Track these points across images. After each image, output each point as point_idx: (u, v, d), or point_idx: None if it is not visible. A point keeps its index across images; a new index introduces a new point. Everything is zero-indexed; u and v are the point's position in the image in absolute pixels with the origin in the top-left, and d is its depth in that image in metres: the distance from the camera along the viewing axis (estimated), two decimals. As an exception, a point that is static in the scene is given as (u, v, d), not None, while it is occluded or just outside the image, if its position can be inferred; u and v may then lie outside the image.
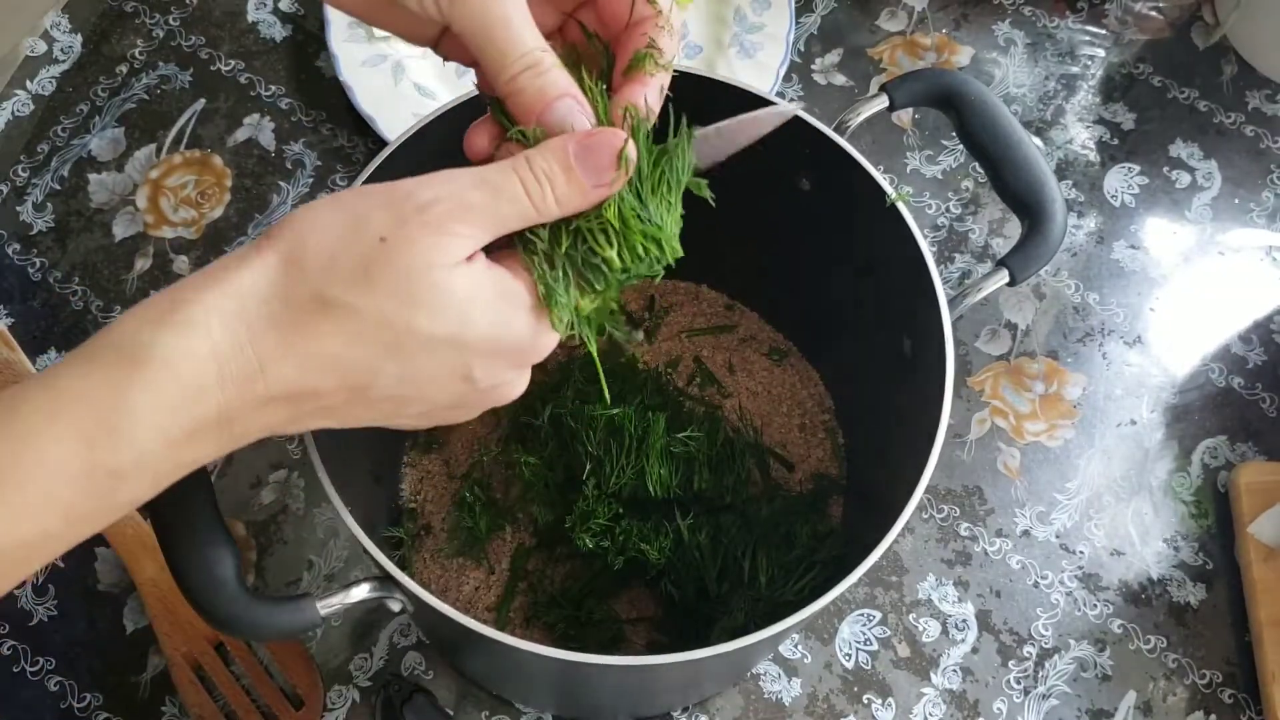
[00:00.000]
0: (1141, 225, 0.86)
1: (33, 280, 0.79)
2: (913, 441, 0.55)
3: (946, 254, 0.84)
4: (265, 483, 0.73)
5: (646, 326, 0.77)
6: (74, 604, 0.70)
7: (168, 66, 0.87)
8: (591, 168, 0.39)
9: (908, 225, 0.58)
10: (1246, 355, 0.82)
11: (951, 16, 0.94)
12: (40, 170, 0.83)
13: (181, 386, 0.35)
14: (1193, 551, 0.75)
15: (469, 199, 0.38)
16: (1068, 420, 0.79)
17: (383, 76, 0.84)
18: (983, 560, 0.74)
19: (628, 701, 0.68)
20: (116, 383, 0.34)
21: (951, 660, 0.71)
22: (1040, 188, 0.59)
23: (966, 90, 0.60)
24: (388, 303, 0.37)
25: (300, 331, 0.36)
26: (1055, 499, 0.76)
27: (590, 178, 0.39)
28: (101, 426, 0.34)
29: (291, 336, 0.36)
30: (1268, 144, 0.89)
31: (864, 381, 0.71)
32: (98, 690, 0.68)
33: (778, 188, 0.65)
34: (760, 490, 0.72)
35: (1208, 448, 0.78)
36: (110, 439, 0.35)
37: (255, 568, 0.71)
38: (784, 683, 0.70)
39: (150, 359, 0.35)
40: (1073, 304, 0.83)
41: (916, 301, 0.58)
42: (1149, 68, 0.92)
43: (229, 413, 0.36)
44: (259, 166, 0.84)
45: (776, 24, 0.88)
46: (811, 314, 0.74)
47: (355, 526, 0.50)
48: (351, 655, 0.69)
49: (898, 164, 0.87)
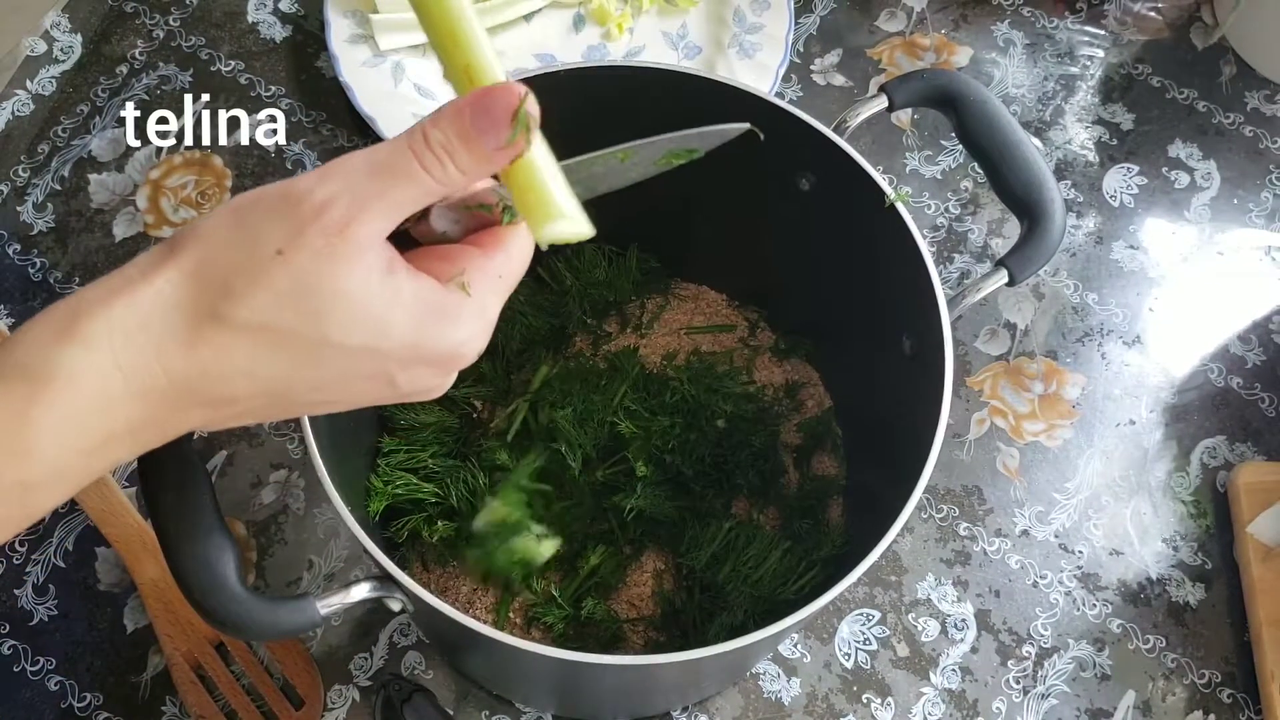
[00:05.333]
0: (1140, 225, 0.86)
1: (33, 280, 0.79)
2: (912, 441, 0.55)
3: (946, 254, 0.84)
4: (265, 482, 0.73)
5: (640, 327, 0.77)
6: (74, 604, 0.70)
7: (168, 67, 0.87)
8: (490, 129, 0.36)
9: (907, 225, 0.58)
10: (1245, 355, 0.82)
11: (950, 17, 0.94)
12: (41, 170, 0.83)
13: (88, 401, 0.35)
14: (1192, 551, 0.75)
15: (366, 190, 0.36)
16: (1067, 420, 0.79)
17: (383, 77, 0.84)
18: (982, 560, 0.74)
19: (627, 701, 0.68)
20: (22, 403, 0.34)
21: (951, 660, 0.71)
22: (1039, 188, 0.59)
23: (966, 91, 0.60)
24: (292, 317, 0.35)
25: (208, 346, 0.35)
26: (1054, 499, 0.76)
27: (490, 140, 0.36)
28: (10, 446, 0.34)
29: (199, 350, 0.35)
30: (1266, 144, 0.89)
31: (864, 381, 0.71)
32: (98, 690, 0.68)
33: (777, 188, 0.65)
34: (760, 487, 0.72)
35: (1207, 448, 0.79)
36: (19, 456, 0.34)
37: (255, 567, 0.71)
38: (783, 682, 0.70)
39: (55, 376, 0.34)
40: (1072, 304, 0.83)
41: (916, 301, 0.58)
42: (1148, 68, 0.92)
43: (140, 421, 0.36)
44: (259, 167, 0.84)
45: (776, 24, 0.88)
46: (811, 314, 0.74)
47: (355, 526, 0.50)
48: (351, 655, 0.69)
49: (897, 164, 0.87)
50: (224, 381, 0.36)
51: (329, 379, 0.37)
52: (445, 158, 0.36)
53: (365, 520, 0.58)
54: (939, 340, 0.56)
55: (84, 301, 0.35)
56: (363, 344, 0.37)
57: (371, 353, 0.37)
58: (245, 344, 0.36)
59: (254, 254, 0.35)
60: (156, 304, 0.35)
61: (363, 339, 0.36)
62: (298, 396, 0.38)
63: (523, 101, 0.36)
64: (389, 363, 0.38)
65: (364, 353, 0.37)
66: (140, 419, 0.36)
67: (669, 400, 0.71)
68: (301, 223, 0.35)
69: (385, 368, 0.38)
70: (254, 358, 0.36)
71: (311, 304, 0.35)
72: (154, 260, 0.36)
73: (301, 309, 0.35)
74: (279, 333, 0.36)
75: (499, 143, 0.36)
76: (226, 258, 0.35)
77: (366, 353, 0.37)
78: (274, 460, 0.74)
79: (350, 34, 0.85)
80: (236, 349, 0.36)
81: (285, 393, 0.37)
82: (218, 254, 0.36)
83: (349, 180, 0.36)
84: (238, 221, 0.36)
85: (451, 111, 0.36)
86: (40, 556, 0.71)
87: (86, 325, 0.35)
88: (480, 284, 0.39)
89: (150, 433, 0.37)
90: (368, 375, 0.38)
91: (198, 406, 0.37)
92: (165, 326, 0.35)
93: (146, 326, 0.35)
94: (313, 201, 0.35)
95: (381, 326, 0.37)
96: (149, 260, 0.36)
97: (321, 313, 0.36)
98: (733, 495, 0.71)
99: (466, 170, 0.37)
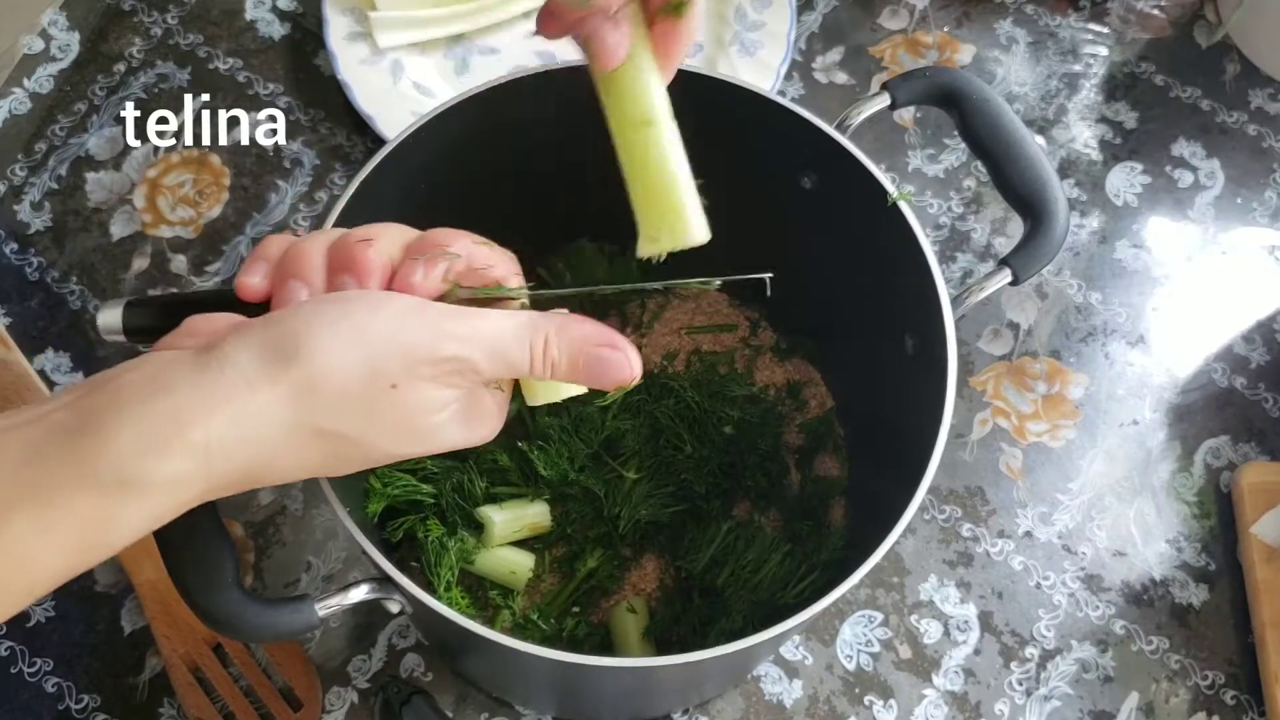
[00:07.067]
0: (1144, 224, 0.86)
1: (30, 279, 0.79)
2: (914, 442, 0.55)
3: (948, 253, 0.84)
4: (264, 483, 0.73)
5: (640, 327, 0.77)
6: (72, 605, 0.69)
7: (166, 65, 0.87)
8: (594, 377, 0.41)
9: (910, 224, 0.58)
10: (1249, 355, 0.82)
11: (953, 15, 0.93)
12: (38, 169, 0.82)
13: (174, 503, 0.37)
14: (1195, 552, 0.75)
15: (479, 363, 0.40)
16: (1070, 420, 0.78)
17: (381, 75, 0.84)
18: (984, 561, 0.74)
19: (627, 703, 0.67)
20: (108, 509, 0.35)
21: (953, 662, 0.70)
22: (1043, 187, 0.58)
23: (968, 89, 0.60)
24: (381, 437, 0.39)
25: (288, 450, 0.38)
26: (1057, 499, 0.76)
27: (586, 380, 0.42)
28: (91, 543, 0.36)
29: (279, 453, 0.38)
30: (1270, 143, 0.89)
31: (866, 381, 0.71)
32: (95, 691, 0.67)
33: (779, 187, 0.65)
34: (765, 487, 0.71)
35: (1210, 448, 0.78)
36: (97, 549, 0.36)
37: (254, 569, 0.71)
38: (785, 684, 0.69)
39: (150, 488, 0.35)
40: (1075, 303, 0.82)
41: (918, 301, 0.58)
42: (1151, 66, 0.92)
43: (206, 494, 0.38)
44: (257, 165, 0.84)
45: (777, 22, 0.87)
46: (813, 314, 0.74)
47: (354, 528, 0.50)
48: (350, 657, 0.69)
49: (899, 163, 0.87)
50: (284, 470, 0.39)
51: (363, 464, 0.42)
52: (548, 369, 0.41)
53: (364, 522, 0.57)
54: (942, 340, 0.55)
55: (186, 412, 0.36)
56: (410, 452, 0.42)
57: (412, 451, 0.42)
58: (324, 449, 0.39)
59: (373, 383, 0.38)
60: (257, 417, 0.37)
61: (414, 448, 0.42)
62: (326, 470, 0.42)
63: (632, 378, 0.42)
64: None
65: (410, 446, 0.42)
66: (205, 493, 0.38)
67: (673, 406, 0.70)
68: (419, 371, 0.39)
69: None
70: (324, 458, 0.39)
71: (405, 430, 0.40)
72: (264, 373, 0.37)
73: (392, 433, 0.40)
74: (361, 443, 0.39)
75: (596, 383, 0.42)
76: (345, 384, 0.38)
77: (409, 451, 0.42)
78: (272, 460, 0.74)
79: (349, 31, 0.85)
80: (313, 451, 0.39)
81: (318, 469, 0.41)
82: (336, 379, 0.38)
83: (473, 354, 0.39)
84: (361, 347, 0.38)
85: (579, 342, 0.41)
86: (37, 557, 0.70)
87: (186, 439, 0.36)
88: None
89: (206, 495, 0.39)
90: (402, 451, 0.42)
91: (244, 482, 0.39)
92: (259, 436, 0.37)
93: (243, 441, 0.37)
94: (435, 356, 0.39)
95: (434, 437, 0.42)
96: (259, 370, 0.37)
97: (405, 438, 0.40)
98: (735, 498, 0.71)
99: (556, 376, 0.42)
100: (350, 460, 0.40)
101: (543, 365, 0.40)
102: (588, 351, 0.41)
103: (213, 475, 0.37)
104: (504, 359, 0.40)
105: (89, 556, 0.36)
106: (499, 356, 0.40)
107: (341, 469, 0.41)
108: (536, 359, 0.40)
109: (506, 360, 0.40)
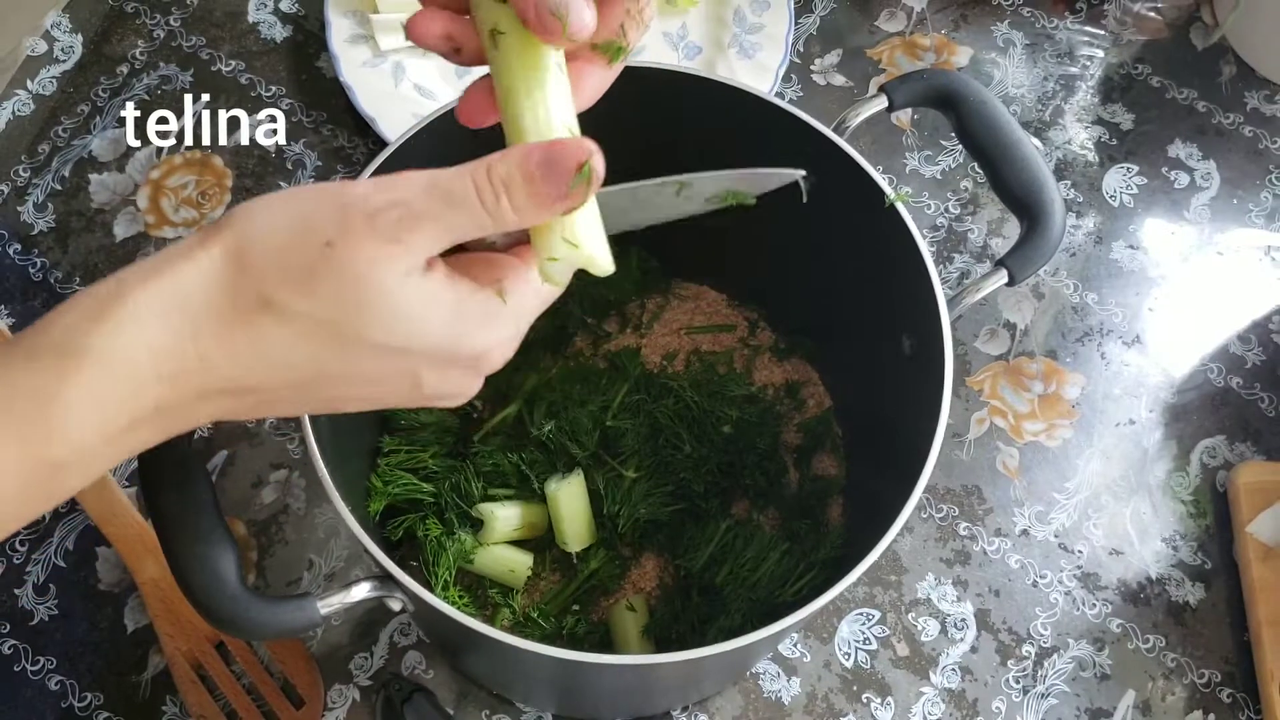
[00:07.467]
0: (1140, 225, 0.86)
1: (34, 280, 0.79)
2: (912, 441, 0.55)
3: (945, 254, 0.84)
4: (266, 482, 0.73)
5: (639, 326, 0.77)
6: (75, 603, 0.70)
7: (168, 67, 0.87)
8: (554, 178, 0.37)
9: (907, 225, 0.58)
10: (1245, 355, 0.82)
11: (950, 17, 0.94)
12: (41, 170, 0.83)
13: (118, 383, 0.35)
14: (1191, 551, 0.75)
15: (420, 207, 0.36)
16: (1066, 420, 0.79)
17: (383, 77, 0.84)
18: (981, 560, 0.74)
19: (627, 700, 0.68)
20: (53, 382, 0.34)
21: (950, 659, 0.71)
22: (1039, 188, 0.59)
23: (965, 91, 0.60)
24: (333, 309, 0.36)
25: (243, 330, 0.36)
26: (1054, 498, 0.76)
27: (552, 188, 0.37)
28: (40, 424, 0.34)
29: (234, 334, 0.36)
30: (1266, 144, 0.89)
31: (863, 381, 0.71)
32: (98, 689, 0.68)
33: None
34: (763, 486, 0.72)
35: (1206, 447, 0.79)
36: (48, 435, 0.35)
37: (256, 567, 0.71)
38: (783, 682, 0.70)
39: (86, 357, 0.34)
40: (1071, 304, 0.83)
41: (915, 301, 0.58)
42: (1148, 68, 0.92)
43: (167, 405, 0.36)
44: (259, 167, 0.84)
45: (776, 25, 0.88)
46: (811, 314, 0.74)
47: (356, 526, 0.50)
48: (352, 654, 0.69)
49: (897, 164, 0.87)
50: (255, 369, 0.36)
51: (357, 375, 0.38)
52: (503, 194, 0.37)
53: (365, 520, 0.58)
54: (939, 340, 0.56)
55: (123, 282, 0.35)
56: (398, 343, 0.37)
57: (404, 352, 0.37)
58: (283, 332, 0.36)
59: (304, 241, 0.36)
60: (197, 283, 0.35)
61: (399, 338, 0.37)
62: (321, 391, 0.38)
63: (590, 157, 0.37)
64: (419, 363, 0.38)
65: (397, 352, 0.37)
66: (167, 403, 0.36)
67: (672, 406, 0.71)
68: (353, 220, 0.36)
69: (414, 368, 0.38)
70: (290, 347, 0.36)
71: (354, 298, 0.36)
72: (198, 239, 0.36)
73: (344, 302, 0.36)
74: (318, 323, 0.36)
75: (559, 192, 0.37)
76: (275, 242, 0.36)
77: (400, 352, 0.37)
78: (274, 460, 0.74)
79: (351, 34, 0.85)
80: (273, 336, 0.36)
81: (310, 386, 0.38)
82: (265, 237, 0.36)
83: (406, 194, 0.36)
84: (288, 208, 0.36)
85: (520, 153, 0.37)
86: (41, 556, 0.71)
87: (120, 306, 0.35)
88: (517, 293, 0.40)
89: (174, 418, 0.37)
90: (395, 374, 0.38)
91: (224, 395, 0.37)
92: (204, 307, 0.35)
93: (184, 307, 0.35)
94: (367, 206, 0.36)
95: (418, 325, 0.37)
96: (192, 240, 0.36)
97: (363, 307, 0.36)
98: (734, 497, 0.71)
99: (520, 210, 0.37)
100: (328, 353, 0.37)
101: (491, 191, 0.37)
102: (534, 156, 0.37)
103: (158, 352, 0.35)
104: (442, 190, 0.37)
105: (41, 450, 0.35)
106: (436, 188, 0.37)
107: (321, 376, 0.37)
108: (481, 183, 0.37)
109: (446, 191, 0.36)
